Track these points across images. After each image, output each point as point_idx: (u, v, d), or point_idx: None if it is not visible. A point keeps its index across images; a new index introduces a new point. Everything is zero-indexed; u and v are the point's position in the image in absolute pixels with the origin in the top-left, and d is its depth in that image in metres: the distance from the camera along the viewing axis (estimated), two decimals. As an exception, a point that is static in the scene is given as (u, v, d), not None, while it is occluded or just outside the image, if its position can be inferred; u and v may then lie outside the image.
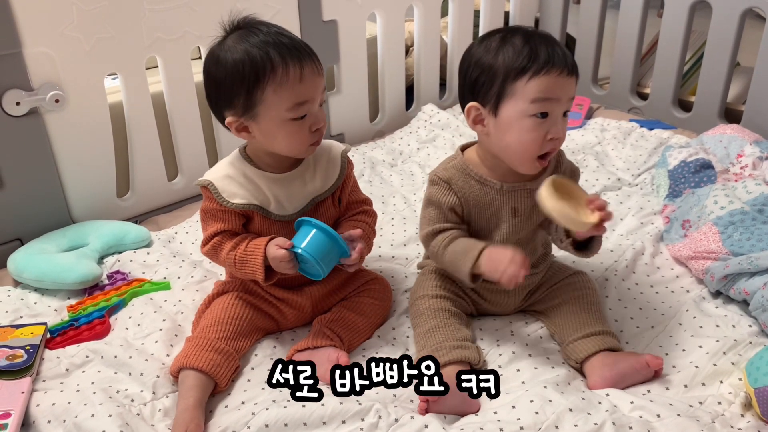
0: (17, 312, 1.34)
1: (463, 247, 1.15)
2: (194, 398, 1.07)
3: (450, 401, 1.07)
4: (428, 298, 1.22)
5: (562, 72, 1.10)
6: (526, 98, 1.10)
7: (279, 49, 1.10)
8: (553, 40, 1.13)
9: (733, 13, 1.85)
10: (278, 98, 1.10)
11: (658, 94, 2.10)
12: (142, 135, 1.65)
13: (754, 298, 1.23)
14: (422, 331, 1.18)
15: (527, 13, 2.35)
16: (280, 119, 1.12)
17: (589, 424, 1.01)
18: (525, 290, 1.27)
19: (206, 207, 1.21)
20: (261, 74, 1.09)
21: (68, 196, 1.58)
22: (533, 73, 1.09)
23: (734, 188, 1.48)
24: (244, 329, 1.20)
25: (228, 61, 1.11)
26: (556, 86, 1.10)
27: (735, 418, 1.05)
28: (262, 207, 1.19)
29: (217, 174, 1.20)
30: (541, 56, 1.10)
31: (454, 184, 1.19)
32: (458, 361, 1.12)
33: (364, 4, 1.91)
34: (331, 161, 1.24)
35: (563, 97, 1.12)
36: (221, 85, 1.13)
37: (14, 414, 1.06)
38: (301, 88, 1.11)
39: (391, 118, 2.14)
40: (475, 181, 1.19)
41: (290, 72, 1.10)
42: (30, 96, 1.44)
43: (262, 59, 1.09)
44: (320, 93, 1.15)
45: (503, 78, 1.11)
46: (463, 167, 1.20)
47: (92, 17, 1.47)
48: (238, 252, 1.16)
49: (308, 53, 1.13)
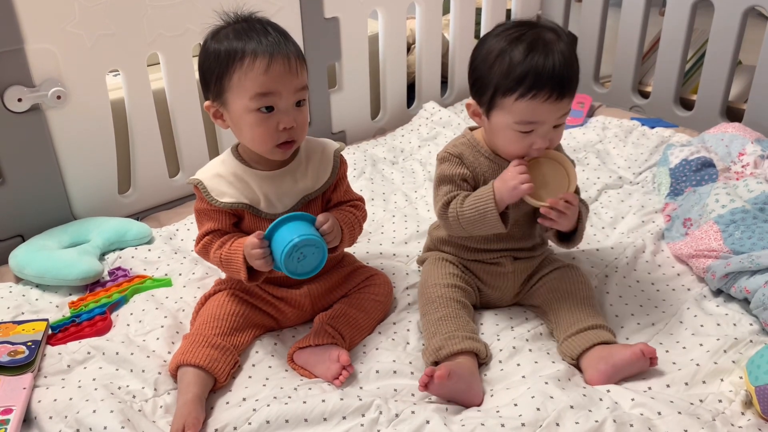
0: (19, 308, 1.34)
1: (478, 193, 1.19)
2: (193, 393, 1.08)
3: (455, 385, 1.07)
4: (440, 287, 1.23)
5: (549, 98, 1.11)
6: (512, 116, 1.14)
7: (256, 42, 1.11)
8: (554, 56, 1.11)
9: (735, 12, 1.85)
10: (242, 86, 1.11)
11: (660, 92, 2.10)
12: (143, 132, 1.65)
13: (755, 297, 1.23)
14: (433, 318, 1.19)
15: (529, 10, 2.35)
16: (245, 108, 1.12)
17: (590, 421, 1.01)
18: (522, 274, 1.28)
19: (198, 207, 1.22)
20: (230, 61, 1.11)
21: (70, 193, 1.58)
22: (519, 95, 1.12)
23: (735, 187, 1.48)
24: (240, 324, 1.20)
25: (210, 48, 1.14)
26: (541, 111, 1.13)
27: (735, 416, 1.05)
28: (251, 206, 1.19)
29: (207, 173, 1.21)
30: (528, 80, 1.10)
31: (465, 158, 1.23)
32: (469, 351, 1.14)
33: (366, 1, 1.91)
34: (324, 159, 1.24)
35: (549, 119, 1.14)
36: (202, 70, 1.16)
37: (16, 410, 1.06)
38: (264, 78, 1.10)
39: (393, 116, 2.13)
40: (485, 158, 1.23)
41: (257, 62, 1.10)
42: (32, 92, 1.44)
43: (234, 47, 1.12)
44: (291, 90, 1.13)
45: (493, 91, 1.15)
46: (473, 144, 1.24)
47: (94, 14, 1.47)
48: (223, 251, 1.17)
49: (286, 50, 1.12)
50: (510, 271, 1.27)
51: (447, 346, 1.13)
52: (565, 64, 1.12)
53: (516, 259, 1.27)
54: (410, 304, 1.32)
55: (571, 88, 1.14)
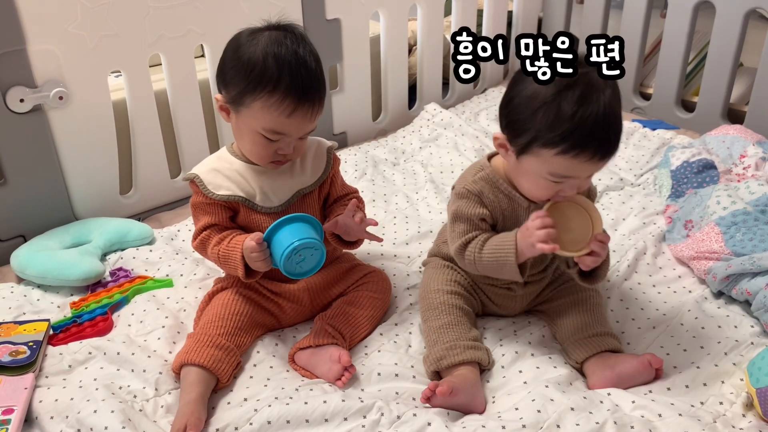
0: (20, 308, 1.34)
1: (498, 241, 1.14)
2: (196, 393, 1.08)
3: (457, 400, 1.07)
4: (443, 293, 1.22)
5: (592, 158, 1.04)
6: (547, 167, 1.06)
7: (291, 78, 1.10)
8: (606, 115, 1.02)
9: (736, 14, 1.85)
10: (260, 115, 1.12)
11: (661, 94, 2.10)
12: (145, 132, 1.65)
13: (756, 299, 1.23)
14: (435, 325, 1.18)
15: (530, 12, 2.35)
16: (254, 129, 1.14)
17: (591, 423, 1.01)
18: (531, 295, 1.27)
19: (194, 201, 1.23)
20: (260, 87, 1.11)
21: (71, 194, 1.58)
22: (561, 151, 1.03)
23: (737, 189, 1.48)
24: (244, 325, 1.21)
25: (245, 53, 1.12)
26: (580, 169, 1.06)
27: (736, 419, 1.05)
28: (247, 199, 1.21)
29: (203, 168, 1.23)
30: (576, 137, 1.02)
31: (485, 197, 1.17)
32: (471, 361, 1.13)
33: (368, 2, 1.91)
34: (318, 156, 1.27)
35: (584, 175, 1.09)
36: (227, 67, 1.15)
37: (17, 410, 1.06)
38: (284, 122, 1.12)
39: (394, 117, 2.14)
40: (504, 195, 1.17)
41: (284, 104, 1.11)
42: (34, 93, 1.44)
43: (270, 75, 1.10)
44: (304, 132, 1.16)
45: (533, 137, 1.06)
46: (493, 180, 1.17)
47: (96, 15, 1.48)
48: (221, 248, 1.18)
49: (312, 97, 1.13)
50: (520, 294, 1.25)
51: (449, 356, 1.12)
52: (614, 121, 1.04)
53: (527, 284, 1.24)
54: (412, 304, 1.32)
55: (616, 150, 1.06)
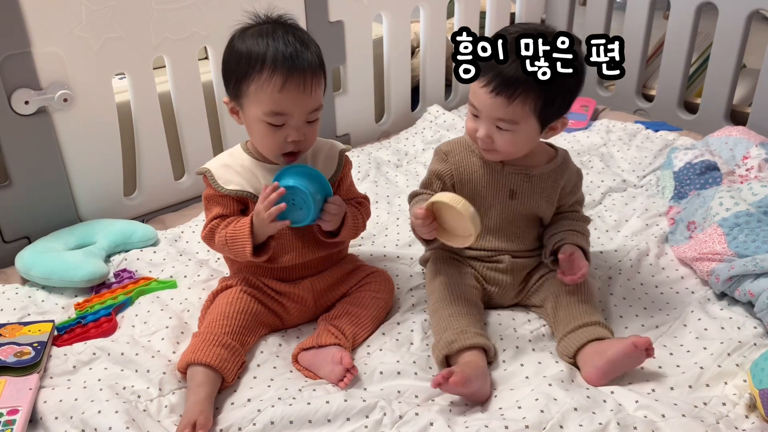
0: (25, 309, 1.35)
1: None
2: (205, 393, 1.08)
3: (468, 389, 1.07)
4: (450, 285, 1.24)
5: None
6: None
7: (276, 54, 1.12)
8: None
9: (739, 15, 1.85)
10: (257, 98, 1.14)
11: (664, 95, 2.10)
12: (149, 134, 1.66)
13: (759, 300, 1.23)
14: (445, 314, 1.20)
15: (533, 14, 2.36)
16: (257, 118, 1.16)
17: (594, 423, 1.01)
18: (522, 272, 1.29)
19: (206, 194, 1.26)
20: (250, 69, 1.13)
21: (76, 195, 1.58)
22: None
23: (740, 190, 1.48)
24: (249, 324, 1.21)
25: (235, 48, 1.16)
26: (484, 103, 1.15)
27: (739, 419, 1.05)
28: (255, 195, 1.22)
29: (215, 163, 1.26)
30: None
31: (452, 156, 1.26)
32: (481, 346, 1.14)
33: (371, 4, 1.92)
34: (330, 157, 1.27)
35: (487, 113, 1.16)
36: (224, 67, 1.19)
37: (22, 410, 1.07)
38: (279, 97, 1.13)
39: (397, 119, 2.14)
40: (477, 158, 1.24)
41: (273, 79, 1.12)
42: (39, 95, 1.45)
43: (256, 55, 1.13)
44: (304, 112, 1.15)
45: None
46: (468, 144, 1.25)
47: (101, 17, 1.48)
48: (228, 230, 1.20)
49: (302, 66, 1.13)
50: (508, 268, 1.27)
51: (460, 339, 1.14)
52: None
53: (514, 258, 1.28)
54: (414, 305, 1.32)
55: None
